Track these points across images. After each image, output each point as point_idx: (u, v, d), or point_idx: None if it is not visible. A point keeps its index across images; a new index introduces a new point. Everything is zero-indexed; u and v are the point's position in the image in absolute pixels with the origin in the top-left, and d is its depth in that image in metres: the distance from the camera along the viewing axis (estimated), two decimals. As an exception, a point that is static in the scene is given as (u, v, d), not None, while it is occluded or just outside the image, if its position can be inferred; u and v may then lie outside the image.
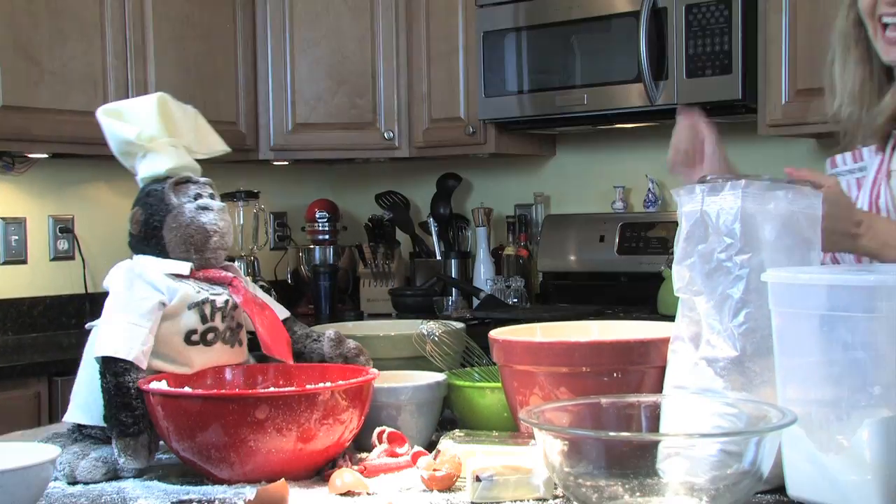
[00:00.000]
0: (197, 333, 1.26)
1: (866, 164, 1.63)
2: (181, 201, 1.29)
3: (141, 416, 1.19)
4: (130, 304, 1.23)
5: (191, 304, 1.25)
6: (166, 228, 1.28)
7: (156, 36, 3.17)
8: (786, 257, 1.10)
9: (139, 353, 1.21)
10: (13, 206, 3.20)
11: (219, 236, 1.29)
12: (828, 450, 1.00)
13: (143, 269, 1.27)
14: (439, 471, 1.12)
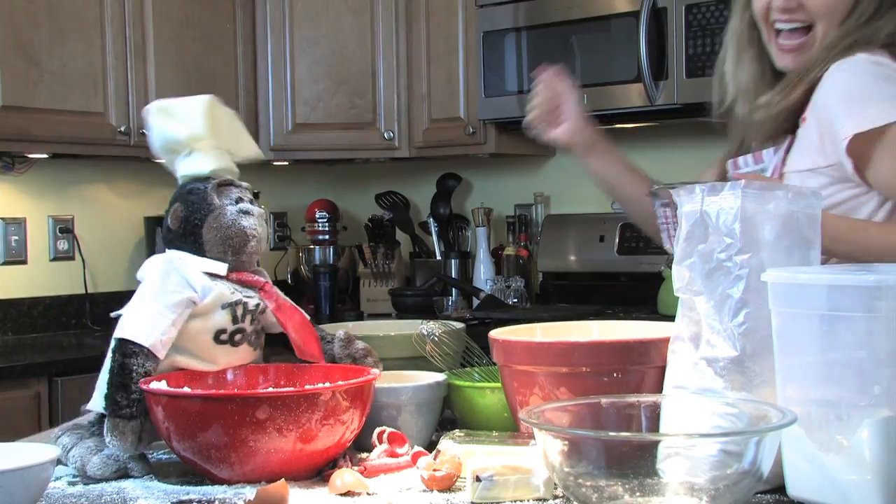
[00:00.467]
0: (226, 333, 1.28)
1: (766, 166, 1.65)
2: (223, 203, 1.31)
3: (136, 401, 1.20)
4: (160, 294, 1.25)
5: (224, 303, 1.27)
6: (206, 227, 1.29)
7: (156, 36, 3.17)
8: (785, 257, 1.10)
9: (157, 342, 1.22)
10: (13, 207, 3.20)
11: (256, 241, 1.31)
12: (828, 450, 1.00)
13: (182, 262, 1.28)
14: (439, 471, 1.12)
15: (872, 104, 1.50)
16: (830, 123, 1.52)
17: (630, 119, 3.35)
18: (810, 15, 1.58)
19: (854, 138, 1.48)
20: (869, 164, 1.49)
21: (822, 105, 1.54)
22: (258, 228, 1.31)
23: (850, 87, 1.52)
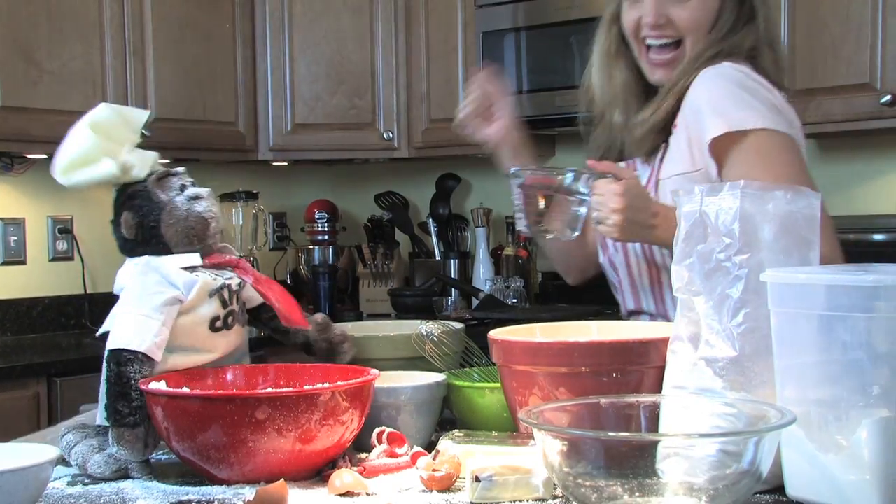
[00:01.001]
0: (220, 319, 1.28)
1: (639, 174, 1.69)
2: (170, 196, 1.29)
3: (138, 408, 1.20)
4: (143, 298, 1.24)
5: (211, 291, 1.26)
6: (164, 226, 1.28)
7: (155, 36, 3.17)
8: (784, 257, 1.10)
9: (151, 345, 1.21)
10: (12, 207, 3.20)
11: (216, 221, 1.31)
12: (827, 450, 1.00)
13: (158, 263, 1.27)
14: (438, 471, 1.12)
15: (735, 110, 1.56)
16: (698, 127, 1.58)
17: (629, 119, 3.35)
18: (679, 30, 1.64)
19: (715, 141, 1.54)
20: (723, 169, 1.55)
21: (690, 111, 1.60)
22: (213, 208, 1.30)
23: (715, 93, 1.58)
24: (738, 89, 1.58)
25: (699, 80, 1.59)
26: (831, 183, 3.16)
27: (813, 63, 2.90)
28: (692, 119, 1.59)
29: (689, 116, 1.60)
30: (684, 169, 1.60)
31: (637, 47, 1.69)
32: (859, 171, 3.19)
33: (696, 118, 1.58)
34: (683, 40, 1.65)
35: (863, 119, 2.84)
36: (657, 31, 1.65)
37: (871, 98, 2.79)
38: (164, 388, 1.20)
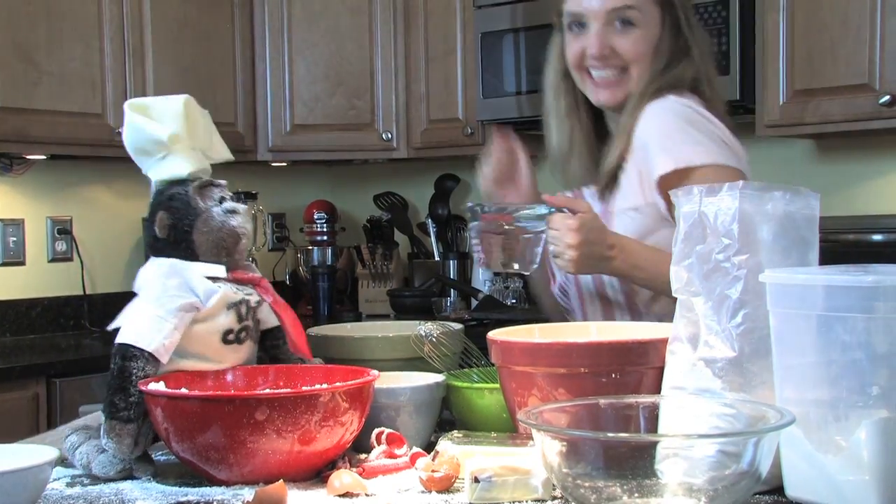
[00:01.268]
0: (233, 333, 1.28)
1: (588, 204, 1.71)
2: (208, 205, 1.31)
3: (134, 404, 1.20)
4: (162, 298, 1.25)
5: (230, 304, 1.27)
6: (196, 232, 1.29)
7: (154, 37, 3.17)
8: (783, 258, 1.10)
9: (160, 346, 1.22)
10: (11, 208, 3.20)
11: (247, 238, 1.32)
12: (826, 450, 1.00)
13: (183, 267, 1.28)
14: (438, 472, 1.12)
15: (682, 146, 1.58)
16: (646, 163, 1.60)
17: (628, 120, 3.35)
18: (624, 60, 1.67)
19: (662, 178, 1.56)
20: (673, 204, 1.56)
21: (639, 146, 1.62)
22: (247, 225, 1.32)
23: (662, 128, 1.60)
24: (684, 124, 1.60)
25: (646, 114, 1.62)
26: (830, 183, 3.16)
27: (812, 63, 2.90)
28: (640, 155, 1.61)
29: (637, 152, 1.62)
30: (636, 203, 1.62)
31: (579, 76, 1.71)
32: (858, 171, 3.19)
33: (644, 154, 1.60)
34: (628, 68, 1.67)
35: (862, 119, 2.84)
36: (602, 62, 1.67)
37: (870, 98, 2.79)
38: (163, 388, 1.19)
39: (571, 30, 1.70)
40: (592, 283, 1.68)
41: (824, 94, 2.88)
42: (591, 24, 1.67)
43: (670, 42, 1.68)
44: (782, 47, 2.93)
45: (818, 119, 2.90)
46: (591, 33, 1.66)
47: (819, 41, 2.87)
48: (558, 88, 1.75)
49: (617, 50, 1.66)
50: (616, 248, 1.50)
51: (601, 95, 1.68)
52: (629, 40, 1.66)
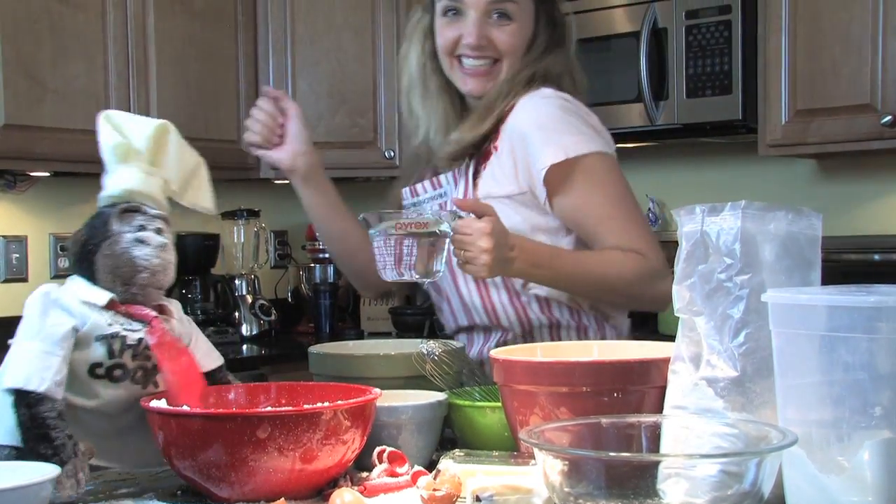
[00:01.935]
0: (102, 367, 1.21)
1: (445, 190, 1.74)
2: (122, 230, 1.24)
3: (61, 447, 1.14)
4: (43, 331, 1.18)
5: (98, 335, 1.20)
6: (100, 254, 1.23)
7: (158, 55, 3.18)
8: (786, 277, 1.10)
9: (51, 385, 1.15)
10: (14, 224, 3.20)
11: (149, 273, 1.23)
12: (828, 471, 1.00)
13: (59, 294, 1.22)
14: (439, 490, 1.12)
15: (567, 136, 1.61)
16: (526, 154, 1.62)
17: (631, 139, 3.36)
18: (498, 52, 1.69)
19: (550, 169, 1.59)
20: (558, 193, 1.61)
21: (517, 136, 1.63)
22: (153, 259, 1.23)
23: (544, 120, 1.63)
24: (565, 115, 1.63)
25: (523, 105, 1.64)
26: (832, 203, 3.16)
27: (813, 83, 2.91)
28: (519, 144, 1.63)
29: (515, 141, 1.63)
30: (510, 192, 1.64)
31: (448, 62, 1.72)
32: (860, 191, 3.19)
33: (523, 144, 1.62)
34: (500, 60, 1.69)
35: (863, 140, 2.85)
36: (477, 52, 1.69)
37: (872, 119, 2.80)
38: (164, 406, 1.19)
39: (446, 15, 1.71)
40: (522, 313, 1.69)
41: (826, 114, 2.89)
42: (468, 12, 1.68)
43: (544, 37, 1.71)
44: (784, 67, 2.94)
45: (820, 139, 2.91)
46: (469, 22, 1.68)
47: (821, 61, 2.88)
48: (425, 67, 1.76)
49: (493, 41, 1.68)
50: (517, 249, 1.50)
51: (470, 84, 1.70)
52: (505, 33, 1.69)
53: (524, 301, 1.68)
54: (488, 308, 1.69)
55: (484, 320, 1.70)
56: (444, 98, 1.75)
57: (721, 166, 3.45)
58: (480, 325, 1.72)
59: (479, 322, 1.71)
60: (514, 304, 1.68)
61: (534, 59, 1.69)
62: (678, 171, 3.55)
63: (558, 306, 1.69)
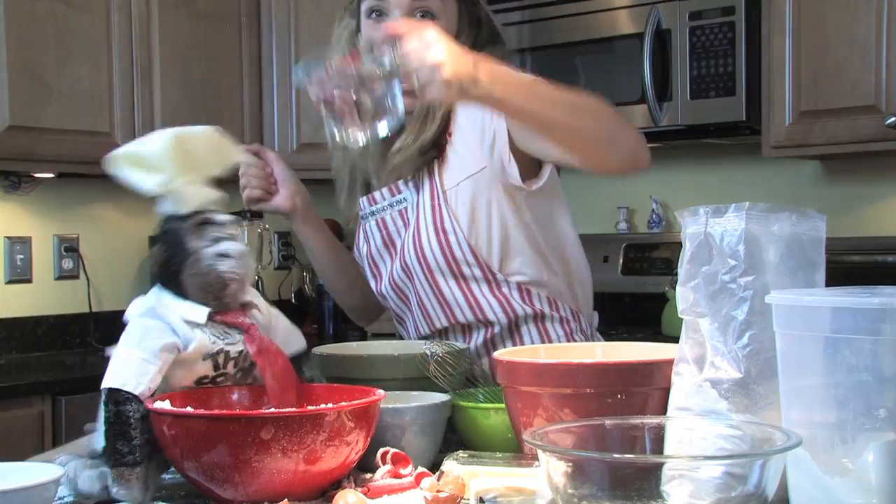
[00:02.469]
0: (208, 379, 1.27)
1: (405, 196, 1.74)
2: (199, 246, 1.26)
3: (138, 447, 1.18)
4: (145, 342, 1.22)
5: (206, 354, 1.25)
6: (185, 274, 1.26)
7: (162, 56, 3.19)
8: (790, 279, 1.10)
9: (145, 390, 1.20)
10: (19, 225, 3.21)
11: (237, 284, 1.27)
12: (833, 473, 0.99)
13: (164, 308, 1.26)
14: (443, 492, 1.12)
15: None
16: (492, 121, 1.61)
17: (634, 140, 3.36)
18: None
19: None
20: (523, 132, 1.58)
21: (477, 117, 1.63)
22: (238, 270, 1.26)
23: None
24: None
25: None
26: (836, 205, 3.16)
27: (817, 85, 2.91)
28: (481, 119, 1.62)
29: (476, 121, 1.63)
30: (471, 171, 1.65)
31: None
32: (864, 192, 3.19)
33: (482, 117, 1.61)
34: None
35: (868, 141, 2.85)
36: None
37: (876, 120, 2.80)
38: (169, 407, 1.20)
39: (370, 17, 1.72)
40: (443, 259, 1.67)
41: (830, 115, 2.89)
42: (392, 12, 1.69)
43: (467, 36, 1.70)
44: (788, 68, 2.94)
45: (824, 140, 2.91)
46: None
47: (825, 62, 2.88)
48: None
49: None
50: (474, 58, 1.31)
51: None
52: None
53: (506, 292, 1.68)
54: (472, 303, 1.69)
55: (468, 317, 1.69)
56: None
57: (725, 168, 3.45)
58: (462, 322, 1.71)
59: (462, 320, 1.70)
60: (496, 296, 1.68)
61: None
62: (682, 173, 3.55)
63: (538, 296, 1.69)
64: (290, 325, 1.38)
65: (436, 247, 1.67)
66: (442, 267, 1.68)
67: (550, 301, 1.72)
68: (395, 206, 1.76)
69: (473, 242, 1.66)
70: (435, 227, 1.67)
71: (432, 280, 1.70)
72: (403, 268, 1.72)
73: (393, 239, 1.76)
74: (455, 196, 1.66)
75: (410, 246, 1.70)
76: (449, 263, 1.67)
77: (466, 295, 1.69)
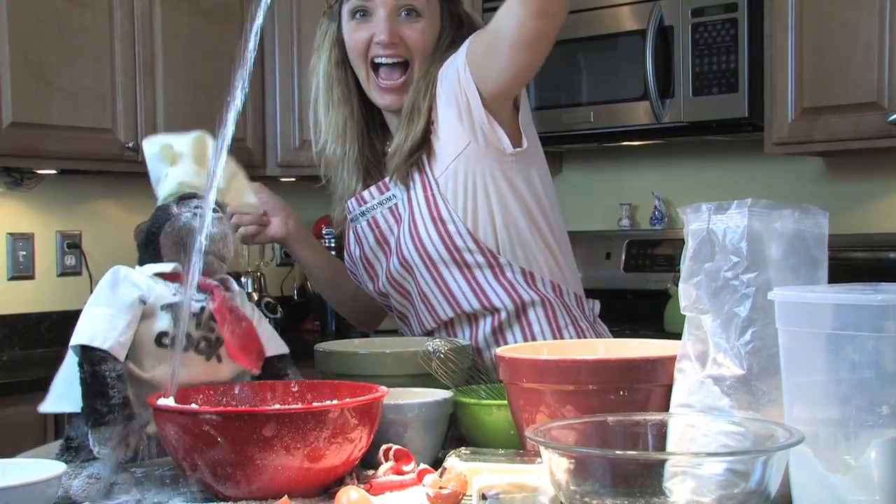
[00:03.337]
0: (168, 336, 1.27)
1: (394, 193, 1.74)
2: (181, 211, 1.34)
3: (116, 406, 1.20)
4: (111, 299, 1.26)
5: (164, 304, 1.27)
6: (163, 234, 1.33)
7: (164, 53, 3.19)
8: (792, 276, 1.10)
9: (115, 343, 1.22)
10: (21, 222, 3.21)
11: (209, 240, 1.31)
12: (835, 470, 0.99)
13: (128, 271, 1.31)
14: (445, 489, 1.12)
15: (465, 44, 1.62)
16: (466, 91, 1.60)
17: (637, 136, 3.36)
18: (409, 50, 1.70)
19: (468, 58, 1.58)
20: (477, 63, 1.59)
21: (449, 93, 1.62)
22: (214, 229, 1.32)
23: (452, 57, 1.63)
24: None
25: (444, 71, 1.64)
26: (839, 201, 3.16)
27: (820, 81, 2.91)
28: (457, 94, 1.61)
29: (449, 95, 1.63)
30: (457, 151, 1.64)
31: (364, 69, 1.73)
32: (867, 189, 3.19)
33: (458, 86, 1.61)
34: (411, 62, 1.70)
35: (870, 138, 2.85)
36: (389, 50, 1.69)
37: (879, 116, 2.80)
38: (172, 403, 1.20)
39: (354, 17, 1.72)
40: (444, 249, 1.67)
41: (833, 112, 2.89)
42: (377, 11, 1.69)
43: (450, 34, 1.72)
44: (791, 65, 2.93)
45: (826, 137, 2.91)
46: (379, 20, 1.69)
47: (828, 59, 2.88)
48: (331, 76, 1.77)
49: (403, 38, 1.69)
50: None
51: (388, 99, 1.71)
52: (415, 30, 1.70)
53: (510, 277, 1.68)
54: (476, 290, 1.68)
55: (473, 305, 1.69)
56: (344, 107, 1.76)
57: (727, 164, 3.45)
58: (468, 312, 1.70)
59: (468, 309, 1.70)
60: (501, 282, 1.68)
61: (442, 56, 1.69)
62: (684, 169, 3.55)
63: (542, 281, 1.70)
64: (272, 331, 1.39)
65: (436, 237, 1.66)
66: (444, 257, 1.67)
67: (554, 286, 1.72)
68: (386, 204, 1.76)
69: (472, 228, 1.65)
70: (432, 218, 1.66)
71: (435, 271, 1.69)
72: (402, 263, 1.71)
73: (386, 237, 1.76)
74: (446, 181, 1.65)
75: (408, 240, 1.69)
76: (451, 252, 1.66)
77: (471, 282, 1.68)
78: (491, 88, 1.61)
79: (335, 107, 1.76)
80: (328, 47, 1.77)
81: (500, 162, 1.65)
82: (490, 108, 1.62)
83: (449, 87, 1.63)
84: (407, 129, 1.68)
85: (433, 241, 1.67)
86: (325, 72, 1.77)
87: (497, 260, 1.67)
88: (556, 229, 1.75)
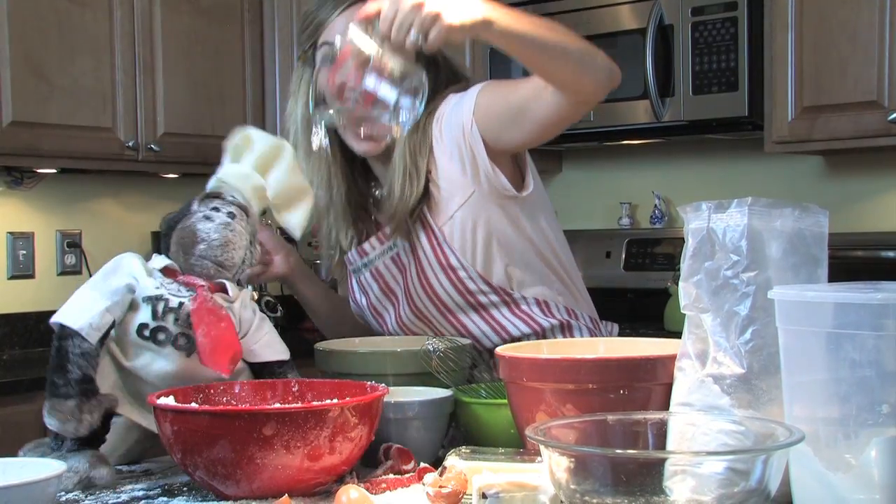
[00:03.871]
0: (147, 329, 1.29)
1: (394, 242, 1.72)
2: (198, 209, 1.35)
3: (74, 381, 1.22)
4: (99, 284, 1.29)
5: (145, 297, 1.29)
6: (175, 230, 1.35)
7: (164, 52, 3.19)
8: (792, 274, 1.10)
9: (86, 325, 1.24)
10: (21, 221, 3.21)
11: (206, 245, 1.32)
12: (836, 468, 1.00)
13: (130, 261, 1.32)
14: (445, 487, 1.12)
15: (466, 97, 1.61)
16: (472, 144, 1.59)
17: (636, 135, 3.36)
18: None
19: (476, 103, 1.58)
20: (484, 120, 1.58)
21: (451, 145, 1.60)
22: (213, 234, 1.32)
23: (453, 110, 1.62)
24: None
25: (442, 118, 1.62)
26: (839, 200, 3.16)
27: (820, 80, 2.91)
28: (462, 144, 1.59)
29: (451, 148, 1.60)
30: (461, 201, 1.62)
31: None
32: (867, 188, 3.19)
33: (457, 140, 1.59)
34: None
35: (870, 136, 2.85)
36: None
37: (879, 115, 2.80)
38: (172, 402, 1.20)
39: (327, 63, 1.66)
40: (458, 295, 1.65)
41: (832, 110, 2.89)
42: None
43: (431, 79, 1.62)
44: (791, 64, 2.93)
45: (826, 136, 2.91)
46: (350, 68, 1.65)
47: (827, 58, 2.88)
48: (308, 122, 1.71)
49: None
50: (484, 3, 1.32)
51: (364, 146, 1.67)
52: None
53: (526, 309, 1.67)
54: (496, 328, 1.67)
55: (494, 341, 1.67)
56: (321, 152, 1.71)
57: (727, 163, 3.45)
58: (489, 348, 1.69)
59: (489, 346, 1.67)
60: (518, 315, 1.67)
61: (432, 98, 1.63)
62: (684, 168, 3.55)
63: (557, 307, 1.69)
64: (273, 336, 1.40)
65: (448, 285, 1.65)
66: (458, 302, 1.66)
67: (569, 311, 1.71)
68: (387, 254, 1.73)
69: (483, 271, 1.64)
70: (442, 267, 1.65)
71: (452, 316, 1.68)
72: (415, 312, 1.70)
73: (391, 286, 1.74)
74: (452, 230, 1.63)
75: (419, 290, 1.67)
76: (464, 296, 1.66)
77: (488, 321, 1.67)
78: (503, 147, 1.61)
79: (316, 153, 1.72)
80: (304, 92, 1.73)
81: (504, 206, 1.64)
82: (494, 157, 1.62)
83: (451, 141, 1.61)
84: (406, 188, 1.64)
85: (445, 289, 1.65)
86: (302, 117, 1.74)
87: (511, 296, 1.66)
88: (565, 263, 1.74)
